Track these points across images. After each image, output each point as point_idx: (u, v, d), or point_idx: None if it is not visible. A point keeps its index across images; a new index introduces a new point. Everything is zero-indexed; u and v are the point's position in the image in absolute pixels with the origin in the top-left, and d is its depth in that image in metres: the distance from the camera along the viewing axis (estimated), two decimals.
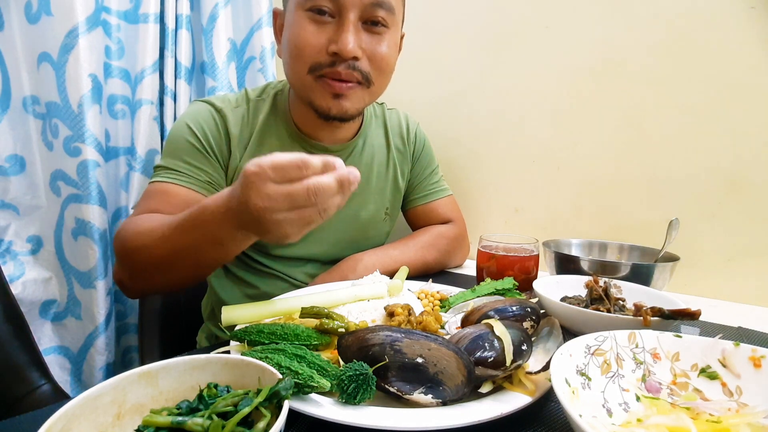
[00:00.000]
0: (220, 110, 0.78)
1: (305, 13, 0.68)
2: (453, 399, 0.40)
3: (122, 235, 0.66)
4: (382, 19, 0.70)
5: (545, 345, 0.47)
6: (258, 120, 0.80)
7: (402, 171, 0.95)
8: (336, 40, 0.67)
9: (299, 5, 0.69)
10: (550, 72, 1.02)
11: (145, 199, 0.73)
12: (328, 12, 0.68)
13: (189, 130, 0.76)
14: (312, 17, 0.68)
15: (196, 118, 0.77)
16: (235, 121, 0.79)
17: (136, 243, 0.63)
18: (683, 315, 0.50)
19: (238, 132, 0.79)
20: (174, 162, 0.75)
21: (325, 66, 0.69)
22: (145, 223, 0.65)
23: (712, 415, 0.38)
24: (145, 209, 0.70)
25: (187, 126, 0.76)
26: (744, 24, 0.80)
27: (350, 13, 0.67)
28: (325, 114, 0.74)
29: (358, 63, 0.70)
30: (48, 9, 1.04)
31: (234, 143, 0.78)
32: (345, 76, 0.70)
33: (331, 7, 0.67)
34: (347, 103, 0.73)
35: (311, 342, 0.49)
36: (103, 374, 1.17)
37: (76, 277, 1.15)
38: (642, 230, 0.92)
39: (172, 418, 0.31)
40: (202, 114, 0.78)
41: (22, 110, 1.10)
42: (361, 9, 0.68)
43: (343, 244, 0.88)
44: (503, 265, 0.75)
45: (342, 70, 0.69)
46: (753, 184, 0.81)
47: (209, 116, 0.78)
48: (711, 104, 0.84)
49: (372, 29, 0.70)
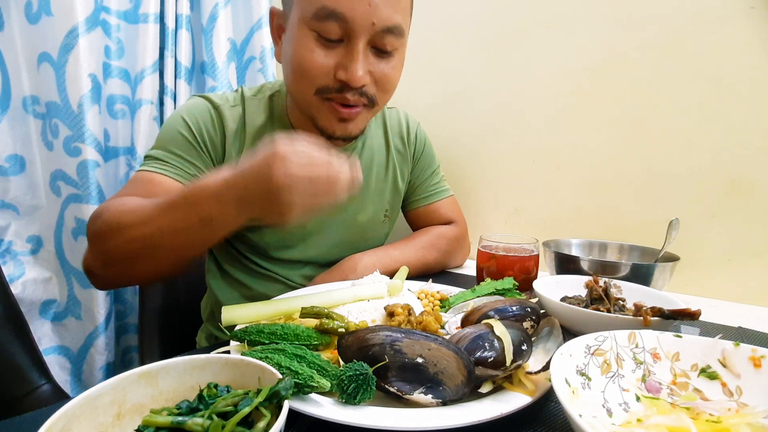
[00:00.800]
0: (218, 107, 0.77)
1: (311, 33, 0.64)
2: (453, 399, 0.40)
3: (101, 215, 0.62)
4: (391, 45, 0.67)
5: (545, 345, 0.47)
6: (255, 121, 0.79)
7: (402, 173, 0.94)
8: (345, 67, 0.64)
9: (305, 23, 0.64)
10: (550, 72, 1.02)
11: (128, 185, 0.71)
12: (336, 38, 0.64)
13: (184, 122, 0.74)
14: (319, 38, 0.64)
15: (192, 112, 0.76)
16: (231, 119, 0.77)
17: (117, 221, 0.59)
18: (683, 315, 0.50)
19: (234, 130, 0.77)
20: (164, 153, 0.73)
21: (332, 90, 0.67)
22: (128, 203, 0.62)
23: (712, 415, 0.38)
24: (126, 195, 0.67)
25: (182, 119, 0.75)
26: (744, 24, 0.80)
27: (359, 40, 0.64)
28: (329, 135, 0.73)
29: (365, 88, 0.68)
30: (48, 9, 1.04)
31: (229, 141, 0.77)
32: (352, 102, 0.68)
33: (339, 33, 0.63)
34: (352, 126, 0.72)
35: (311, 342, 0.49)
36: (103, 374, 1.17)
37: (76, 277, 1.15)
38: (642, 230, 0.92)
39: (172, 418, 0.31)
40: (199, 108, 0.76)
41: (22, 110, 1.10)
42: (371, 35, 0.64)
43: (341, 246, 0.87)
44: (503, 265, 0.75)
45: (350, 97, 0.67)
46: (753, 184, 0.81)
47: (206, 111, 0.76)
48: (711, 104, 0.84)
49: (380, 53, 0.68)
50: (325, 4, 0.61)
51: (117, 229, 0.59)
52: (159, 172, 0.71)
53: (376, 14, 0.62)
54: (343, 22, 0.62)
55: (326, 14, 0.62)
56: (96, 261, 0.63)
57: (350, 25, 0.62)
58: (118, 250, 0.60)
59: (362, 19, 0.62)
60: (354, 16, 0.62)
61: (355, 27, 0.62)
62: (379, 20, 0.63)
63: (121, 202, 0.62)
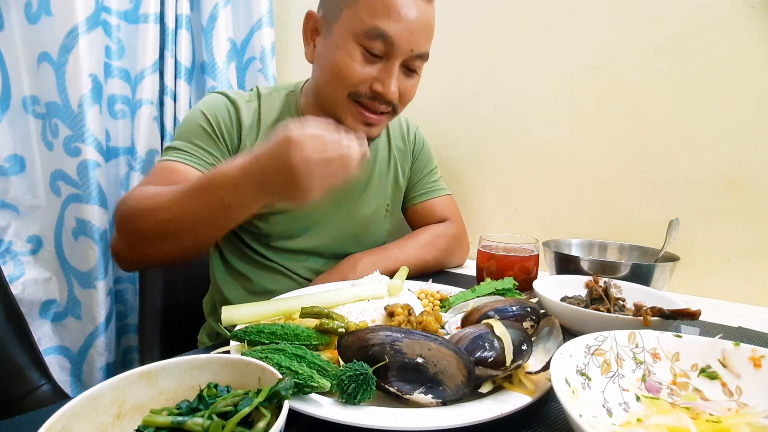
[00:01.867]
0: (234, 101, 0.82)
1: (358, 46, 0.72)
2: (453, 399, 0.40)
3: (127, 201, 0.68)
4: (418, 67, 0.77)
5: (545, 345, 0.48)
6: (269, 116, 0.83)
7: (403, 169, 0.98)
8: (382, 81, 0.73)
9: (354, 36, 0.71)
10: (550, 72, 1.02)
11: (151, 175, 0.76)
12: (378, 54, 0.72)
13: (202, 115, 0.79)
14: (364, 52, 0.72)
15: (210, 106, 0.81)
16: (247, 113, 0.82)
17: (142, 206, 0.65)
18: (683, 315, 0.50)
19: (249, 124, 0.82)
20: (183, 144, 0.77)
21: (363, 96, 0.74)
22: (151, 189, 0.67)
23: (712, 415, 0.38)
24: (149, 183, 0.72)
25: (201, 112, 0.80)
26: (744, 24, 0.80)
27: (397, 60, 0.72)
28: None
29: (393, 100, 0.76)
30: (48, 9, 1.04)
31: (245, 133, 0.81)
32: (382, 111, 0.77)
33: (382, 51, 0.71)
34: (375, 131, 0.80)
35: (311, 342, 0.49)
36: (103, 374, 1.17)
37: (76, 277, 1.15)
38: (642, 230, 0.92)
39: (172, 418, 0.31)
40: (217, 102, 0.81)
41: (22, 110, 1.10)
42: (406, 57, 0.73)
43: (344, 238, 0.89)
44: (503, 265, 0.75)
45: (381, 107, 0.76)
46: (753, 184, 0.81)
47: (223, 105, 0.81)
48: (711, 104, 0.84)
49: (408, 72, 0.77)
50: (377, 26, 0.70)
51: (142, 213, 0.65)
52: (180, 161, 0.75)
53: (415, 42, 0.72)
54: (389, 45, 0.71)
55: (377, 34, 0.70)
56: (123, 243, 0.69)
57: (394, 48, 0.71)
58: (143, 232, 0.65)
59: (405, 45, 0.71)
60: (399, 42, 0.71)
61: (397, 50, 0.71)
62: (416, 47, 0.73)
63: (145, 190, 0.68)
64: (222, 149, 0.79)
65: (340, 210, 0.88)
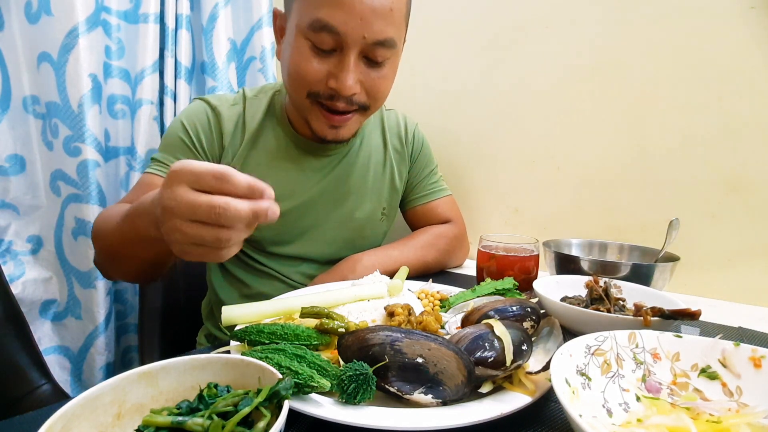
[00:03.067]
0: (215, 108, 0.81)
1: (306, 41, 0.67)
2: (453, 399, 0.40)
3: (96, 220, 0.72)
4: (382, 56, 0.69)
5: (545, 345, 0.48)
6: (254, 119, 0.82)
7: (399, 172, 0.95)
8: (336, 76, 0.67)
9: (300, 31, 0.67)
10: (550, 72, 1.02)
11: (133, 188, 0.79)
12: (329, 48, 0.67)
13: (182, 126, 0.80)
14: (313, 47, 0.67)
15: (190, 116, 0.81)
16: (229, 119, 0.81)
17: (96, 229, 0.70)
18: (683, 315, 0.50)
19: (232, 129, 0.81)
20: (164, 156, 0.79)
21: (323, 97, 0.70)
22: (110, 211, 0.70)
23: (712, 415, 0.38)
24: (127, 199, 0.75)
25: (181, 123, 0.80)
26: (744, 24, 0.80)
27: (351, 52, 0.66)
28: (321, 139, 0.78)
29: (355, 96, 0.70)
30: (48, 9, 1.04)
31: (227, 140, 0.81)
32: (343, 109, 0.71)
33: (332, 44, 0.66)
34: (343, 131, 0.76)
35: (311, 342, 0.49)
36: (103, 374, 1.17)
37: (76, 277, 1.15)
38: (642, 230, 0.92)
39: (172, 418, 0.31)
40: (197, 112, 0.81)
41: (22, 110, 1.10)
42: (362, 47, 0.67)
43: (339, 243, 0.88)
44: (503, 265, 0.75)
45: (340, 105, 0.70)
46: (753, 184, 0.81)
47: (203, 115, 0.81)
48: (711, 104, 0.84)
49: (371, 63, 0.70)
50: (319, 17, 0.64)
51: (98, 235, 0.70)
52: (157, 173, 0.77)
53: (367, 29, 0.65)
54: (336, 35, 0.65)
55: (320, 26, 0.64)
56: (96, 257, 0.74)
57: (342, 38, 0.65)
58: (100, 252, 0.71)
59: (354, 33, 0.64)
60: (346, 30, 0.64)
61: (347, 40, 0.65)
62: (370, 34, 0.65)
63: (106, 212, 0.71)
64: (200, 159, 0.78)
65: (333, 215, 0.87)
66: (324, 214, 0.86)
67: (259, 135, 0.82)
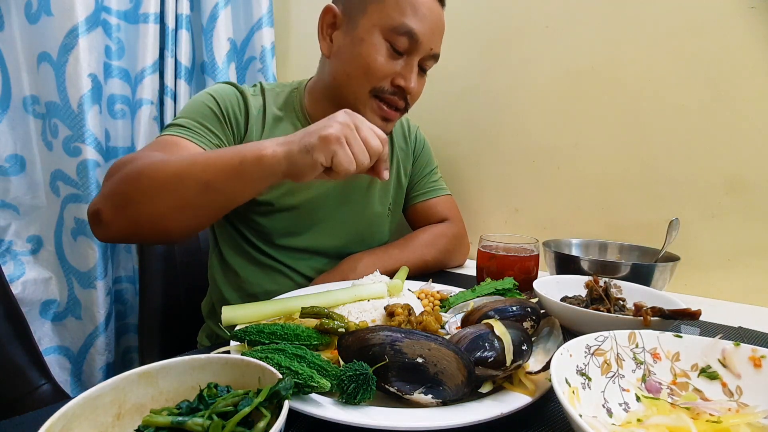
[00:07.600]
0: (243, 91, 0.82)
1: (384, 41, 0.74)
2: (453, 399, 0.40)
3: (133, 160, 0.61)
4: (429, 67, 0.81)
5: (545, 345, 0.47)
6: (272, 109, 0.84)
7: (405, 168, 0.98)
8: (405, 77, 0.76)
9: (380, 29, 0.73)
10: (550, 72, 1.02)
11: (152, 145, 0.70)
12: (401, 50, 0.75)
13: (211, 98, 0.78)
14: (389, 48, 0.74)
15: (219, 92, 0.80)
16: (254, 105, 0.82)
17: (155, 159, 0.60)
18: (683, 315, 0.50)
19: (256, 114, 0.82)
20: (188, 121, 0.74)
21: (386, 92, 0.77)
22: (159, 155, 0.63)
23: (713, 415, 0.38)
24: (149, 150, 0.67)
25: (210, 95, 0.79)
26: (744, 24, 0.79)
27: (417, 57, 0.76)
28: None
29: (409, 97, 0.79)
30: (48, 9, 1.04)
31: (252, 122, 0.81)
32: (399, 106, 0.79)
33: (406, 47, 0.74)
34: (389, 126, 0.82)
35: (311, 342, 0.49)
36: (103, 374, 1.17)
37: (76, 277, 1.15)
38: (642, 230, 0.92)
39: (172, 418, 0.31)
40: (226, 91, 0.81)
41: (22, 110, 1.10)
42: (424, 56, 0.77)
43: (349, 237, 0.90)
44: (503, 265, 0.75)
45: (401, 102, 0.79)
46: (753, 184, 0.81)
47: (232, 92, 0.81)
48: (711, 104, 0.84)
49: (421, 71, 0.80)
50: (405, 22, 0.73)
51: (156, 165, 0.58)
52: (184, 136, 0.71)
53: (433, 42, 0.77)
54: (414, 42, 0.74)
55: (404, 31, 0.73)
56: (105, 204, 0.60)
57: (417, 45, 0.74)
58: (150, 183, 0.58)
59: (426, 43, 0.75)
60: (423, 40, 0.74)
61: (420, 48, 0.75)
62: (434, 47, 0.77)
63: (151, 153, 0.63)
64: (227, 134, 0.77)
65: (344, 209, 0.88)
66: (335, 208, 0.87)
67: (278, 125, 0.83)
